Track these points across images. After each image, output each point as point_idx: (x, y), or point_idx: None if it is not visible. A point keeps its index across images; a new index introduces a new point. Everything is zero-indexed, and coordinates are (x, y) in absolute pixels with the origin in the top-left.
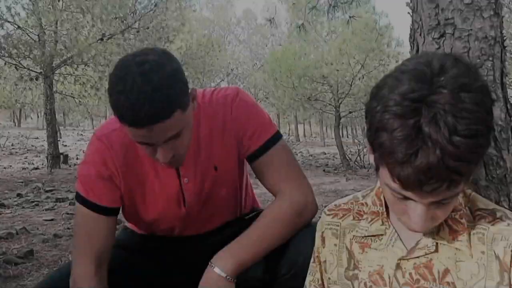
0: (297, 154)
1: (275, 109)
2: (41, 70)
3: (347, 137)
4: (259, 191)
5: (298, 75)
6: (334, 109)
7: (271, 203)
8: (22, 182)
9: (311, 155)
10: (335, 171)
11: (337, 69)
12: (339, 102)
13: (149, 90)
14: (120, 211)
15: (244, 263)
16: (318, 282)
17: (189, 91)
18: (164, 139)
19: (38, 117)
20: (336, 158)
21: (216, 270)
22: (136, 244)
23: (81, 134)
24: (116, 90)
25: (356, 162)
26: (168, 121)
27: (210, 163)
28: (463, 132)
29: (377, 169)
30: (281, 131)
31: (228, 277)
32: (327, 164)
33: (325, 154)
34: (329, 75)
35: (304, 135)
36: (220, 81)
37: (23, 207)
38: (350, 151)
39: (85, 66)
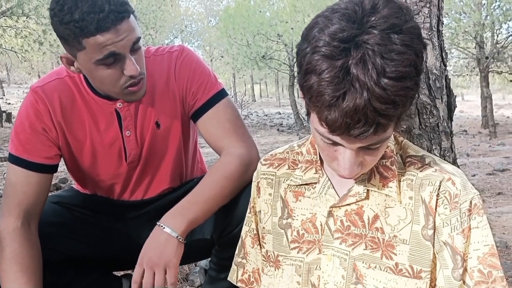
0: (252, 114)
1: (230, 68)
2: None
3: None
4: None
5: (252, 33)
6: (289, 68)
7: (217, 160)
8: None
9: (266, 115)
10: (289, 130)
11: (292, 27)
12: (294, 61)
13: None
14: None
15: (194, 222)
16: (253, 232)
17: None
18: (130, 43)
19: None
20: (291, 118)
21: (167, 230)
22: (78, 203)
23: (26, 92)
24: (67, 8)
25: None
26: (130, 20)
27: (151, 118)
28: (391, 75)
29: (308, 114)
30: (237, 91)
31: (179, 237)
32: (281, 124)
33: (280, 114)
34: (283, 33)
35: (261, 95)
36: (174, 38)
37: None
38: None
39: (26, 18)
